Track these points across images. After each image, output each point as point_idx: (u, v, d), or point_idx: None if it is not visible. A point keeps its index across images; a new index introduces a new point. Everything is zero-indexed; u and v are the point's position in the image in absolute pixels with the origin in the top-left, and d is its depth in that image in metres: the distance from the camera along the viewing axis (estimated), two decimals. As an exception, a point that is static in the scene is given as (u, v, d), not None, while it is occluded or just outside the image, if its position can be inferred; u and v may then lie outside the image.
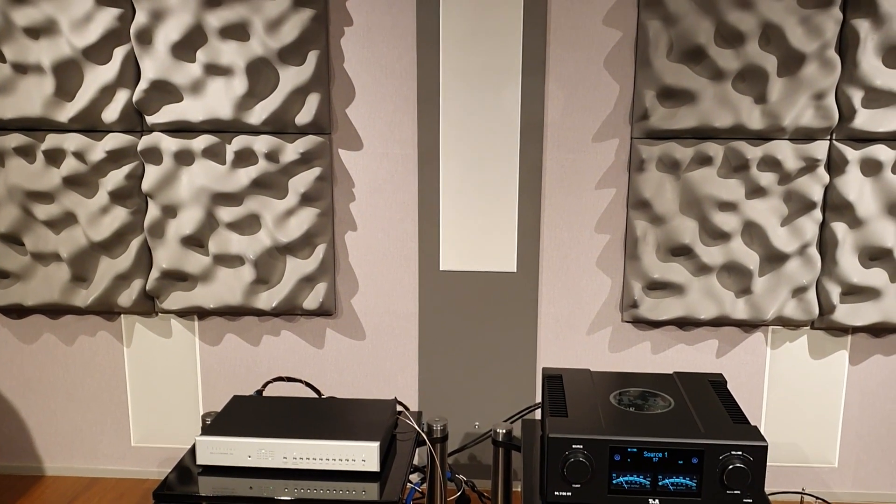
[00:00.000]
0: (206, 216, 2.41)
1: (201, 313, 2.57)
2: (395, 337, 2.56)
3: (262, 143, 2.35)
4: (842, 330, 2.47)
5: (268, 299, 2.48)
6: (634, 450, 1.62)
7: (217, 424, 1.83)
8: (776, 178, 2.32)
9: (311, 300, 2.48)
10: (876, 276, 2.37)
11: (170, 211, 2.42)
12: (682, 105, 2.30)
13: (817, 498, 2.46)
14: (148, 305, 2.53)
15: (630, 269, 2.43)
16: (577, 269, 2.49)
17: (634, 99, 2.34)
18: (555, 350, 2.55)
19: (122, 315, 2.59)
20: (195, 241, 2.44)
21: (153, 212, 2.42)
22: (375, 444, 1.74)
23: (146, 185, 2.40)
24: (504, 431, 2.06)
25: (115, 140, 2.38)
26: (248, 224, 2.43)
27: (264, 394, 2.13)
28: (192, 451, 1.86)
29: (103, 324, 2.60)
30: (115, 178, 2.40)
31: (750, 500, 1.60)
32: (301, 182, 2.39)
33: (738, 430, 1.64)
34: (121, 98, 2.35)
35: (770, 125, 2.27)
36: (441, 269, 2.49)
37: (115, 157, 2.39)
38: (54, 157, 2.40)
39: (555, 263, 2.49)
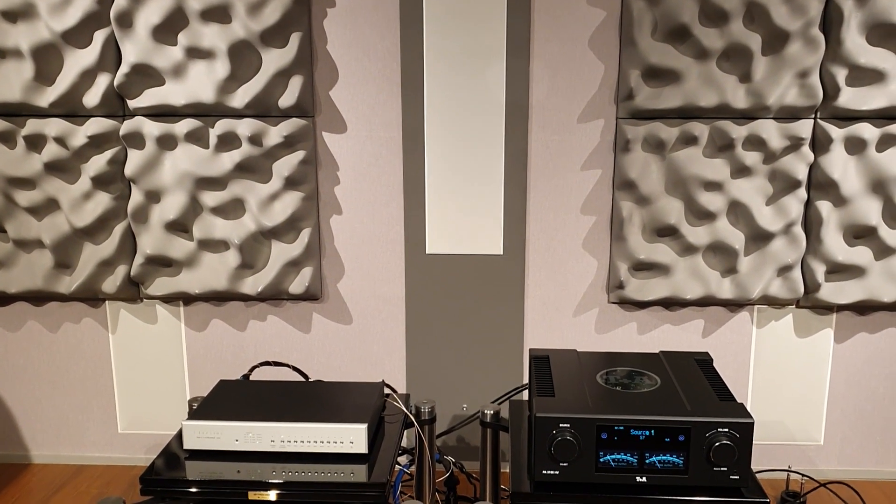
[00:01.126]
0: (190, 201, 2.40)
1: (187, 299, 2.55)
2: (381, 320, 2.56)
3: (245, 127, 2.33)
4: (827, 308, 2.49)
5: (253, 284, 2.46)
6: (621, 428, 1.63)
7: (204, 409, 1.82)
8: (761, 158, 2.32)
9: (297, 285, 2.47)
10: (860, 255, 2.38)
11: (153, 196, 2.40)
12: (666, 85, 2.30)
13: (803, 475, 2.48)
14: (133, 291, 2.51)
15: (616, 250, 2.43)
16: (563, 251, 2.48)
17: (619, 79, 2.33)
18: (541, 332, 2.55)
19: (106, 301, 2.57)
20: (179, 227, 2.43)
21: (136, 197, 2.40)
22: (363, 426, 1.74)
23: (129, 170, 2.37)
24: (492, 412, 2.07)
25: (96, 125, 2.35)
26: (233, 208, 2.42)
27: (251, 378, 2.12)
28: (179, 435, 1.86)
29: (88, 310, 2.59)
30: (98, 163, 2.38)
31: (736, 477, 1.61)
32: (285, 166, 2.37)
33: (725, 408, 1.65)
34: (102, 82, 2.33)
35: (755, 104, 2.27)
36: (427, 252, 2.48)
37: (97, 142, 2.37)
38: (35, 142, 2.37)
39: (541, 246, 2.48)
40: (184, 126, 2.34)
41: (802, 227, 2.38)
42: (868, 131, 2.28)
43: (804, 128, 2.29)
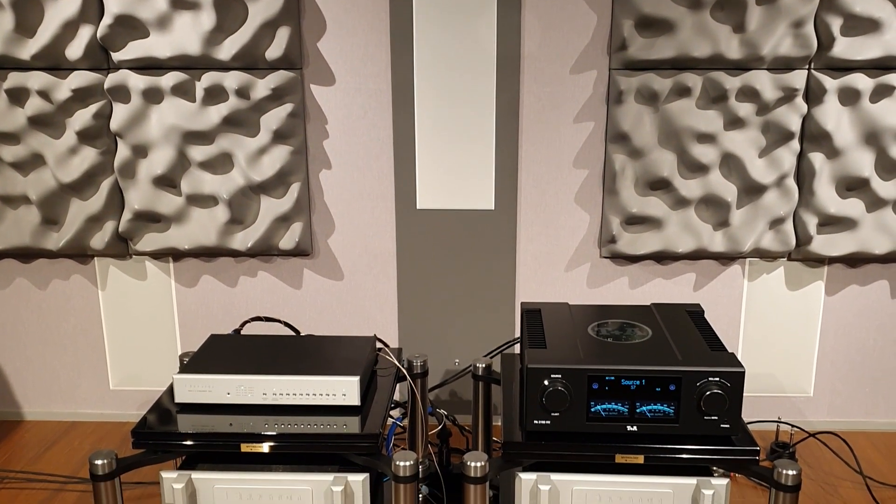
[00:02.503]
0: (177, 155, 2.37)
1: (176, 255, 2.54)
2: (373, 276, 2.55)
3: (232, 80, 2.30)
4: (818, 261, 2.49)
5: (243, 239, 2.45)
6: (612, 378, 1.63)
7: (194, 362, 1.81)
8: (754, 109, 2.30)
9: (287, 240, 2.45)
10: (853, 207, 2.37)
11: (140, 151, 2.37)
12: (660, 35, 2.26)
13: (793, 426, 2.50)
14: (121, 248, 2.49)
15: (608, 204, 2.42)
16: (555, 205, 2.47)
17: (612, 29, 2.29)
18: (533, 287, 2.54)
19: (95, 258, 2.55)
20: (167, 182, 2.40)
21: (123, 152, 2.37)
22: (355, 379, 1.73)
23: (115, 124, 2.34)
24: (484, 366, 2.07)
25: (80, 78, 2.31)
26: (221, 163, 2.39)
27: (242, 333, 2.11)
28: (170, 390, 1.85)
29: (77, 267, 2.57)
30: (83, 117, 2.34)
31: (727, 426, 1.62)
32: (273, 119, 2.34)
33: (716, 357, 1.65)
34: (84, 34, 2.28)
35: (748, 55, 2.24)
36: (418, 207, 2.47)
37: (82, 96, 2.33)
38: (18, 96, 2.33)
39: (533, 200, 2.47)
40: (170, 79, 2.31)
41: (795, 179, 2.37)
42: (862, 82, 2.26)
43: (798, 79, 2.27)
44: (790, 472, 1.57)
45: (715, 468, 1.76)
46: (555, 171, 2.44)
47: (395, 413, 2.46)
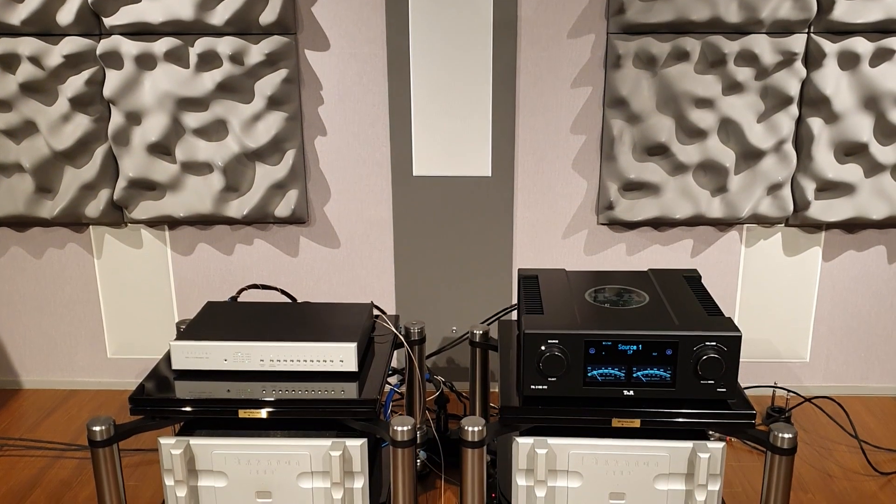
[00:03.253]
0: (171, 122, 2.34)
1: (172, 223, 2.52)
2: (369, 244, 2.54)
3: (225, 45, 2.27)
4: (815, 226, 2.48)
5: (239, 207, 2.43)
6: (609, 343, 1.63)
7: (191, 329, 1.81)
8: (753, 74, 2.28)
9: (283, 207, 2.44)
10: (851, 172, 2.36)
11: (134, 118, 2.35)
12: (658, -2, 2.24)
13: (789, 391, 2.52)
14: (116, 216, 2.48)
15: (606, 170, 2.41)
16: (552, 171, 2.46)
17: (610, -7, 2.27)
18: (530, 254, 2.54)
19: (90, 226, 2.54)
20: (161, 149, 2.38)
21: (117, 119, 2.35)
22: (353, 345, 1.73)
23: (108, 90, 2.31)
24: (481, 332, 2.07)
25: (71, 44, 2.28)
26: (215, 130, 2.37)
27: (238, 301, 2.11)
28: (168, 357, 1.85)
29: (72, 235, 2.56)
30: (75, 84, 2.32)
31: (724, 390, 1.63)
32: (267, 85, 2.32)
33: (713, 322, 1.65)
34: (75, -1, 2.25)
35: (747, 18, 2.22)
36: (414, 174, 2.45)
37: (74, 62, 2.30)
38: (9, 62, 2.30)
39: (530, 167, 2.46)
40: (162, 45, 2.28)
41: (793, 144, 2.36)
42: (862, 45, 2.24)
43: (797, 42, 2.24)
44: (786, 436, 1.58)
45: (711, 432, 1.77)
46: (552, 136, 2.42)
47: (393, 380, 2.47)
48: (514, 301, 2.57)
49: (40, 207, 2.45)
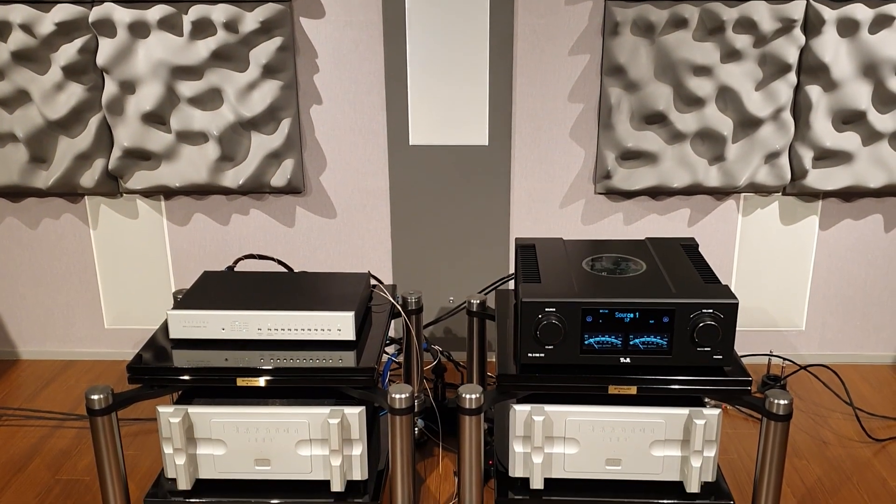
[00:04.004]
0: (165, 91, 2.33)
1: (167, 193, 2.51)
2: (366, 214, 2.53)
3: (219, 13, 2.24)
4: (813, 195, 2.48)
5: (234, 177, 2.42)
6: (606, 311, 1.63)
7: (188, 299, 1.81)
8: (751, 41, 2.26)
9: (279, 177, 2.43)
10: (848, 140, 2.36)
11: (128, 87, 2.33)
12: (657, -36, 2.22)
13: (785, 359, 2.53)
14: (112, 186, 2.47)
15: (604, 138, 2.40)
16: (549, 140, 2.45)
17: (608, -42, 2.24)
18: (527, 224, 2.54)
19: (85, 196, 2.53)
20: (156, 118, 2.36)
21: (110, 88, 2.33)
22: (350, 314, 1.73)
23: (101, 59, 2.29)
24: (478, 302, 2.07)
25: (64, 11, 2.25)
26: (210, 99, 2.35)
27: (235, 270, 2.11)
28: (165, 326, 1.85)
29: (67, 206, 2.54)
30: (68, 52, 2.29)
31: (720, 357, 1.63)
32: (262, 53, 2.30)
33: (709, 289, 1.65)
34: (66, -35, 2.22)
35: (747, -16, 2.20)
36: (411, 143, 2.44)
37: (66, 30, 2.27)
38: (0, 30, 2.28)
39: (527, 135, 2.44)
40: (156, 12, 2.25)
41: (791, 112, 2.35)
42: (861, 12, 2.22)
43: (796, 9, 2.23)
44: (782, 402, 1.59)
45: (707, 399, 1.78)
46: (549, 105, 2.41)
47: (391, 349, 2.48)
48: (512, 271, 2.57)
49: (35, 177, 2.43)
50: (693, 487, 1.70)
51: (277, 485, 1.77)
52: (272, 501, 1.73)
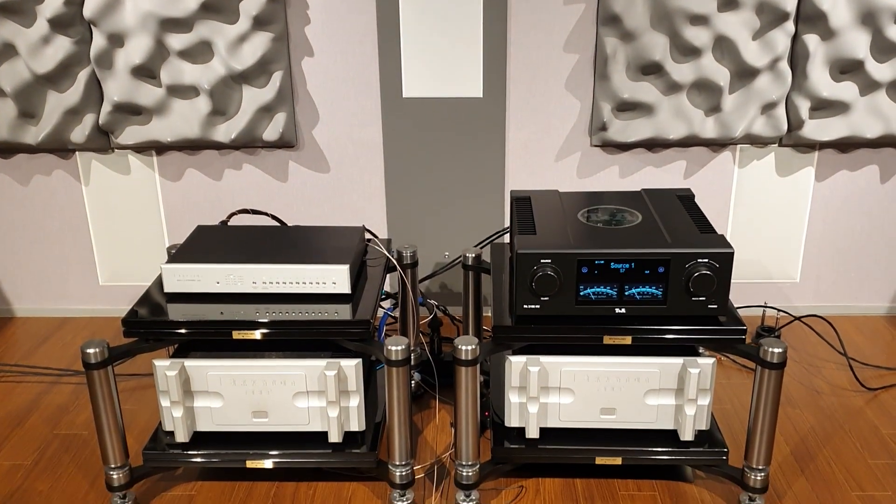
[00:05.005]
0: (155, 44, 2.29)
1: (159, 148, 2.49)
2: (359, 168, 2.52)
3: (208, -38, 2.20)
4: (809, 146, 2.47)
5: (226, 131, 2.40)
6: (602, 262, 1.63)
7: (182, 252, 1.80)
8: (750, -11, 2.23)
9: (271, 131, 2.41)
10: (846, 90, 2.34)
11: (116, 40, 2.29)
12: None
13: (779, 310, 2.54)
14: (103, 141, 2.44)
15: (599, 89, 2.37)
16: (545, 92, 2.42)
17: None
18: (523, 177, 2.52)
19: (76, 152, 2.50)
20: (146, 72, 2.33)
21: (98, 41, 2.29)
22: (345, 267, 1.73)
23: (88, 11, 2.25)
24: (473, 256, 2.07)
25: (48, -38, 2.21)
26: (201, 52, 2.32)
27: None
28: (159, 281, 1.85)
29: (58, 162, 2.52)
30: (53, 4, 2.25)
31: (715, 306, 1.64)
32: (252, 4, 2.25)
33: (705, 239, 1.65)
34: (50, -86, 2.17)
35: (746, -70, 2.16)
36: (404, 96, 2.41)
37: (51, -18, 2.23)
38: (-16, -18, 2.23)
39: (522, 87, 2.42)
40: (143, -38, 2.21)
41: (788, 62, 2.32)
42: (862, -42, 2.19)
43: (796, -45, 2.19)
44: (776, 350, 1.59)
45: (702, 349, 1.79)
46: (544, 55, 2.38)
47: (386, 304, 2.48)
48: (507, 224, 2.57)
49: (24, 133, 2.41)
50: (687, 435, 1.72)
51: (275, 436, 1.79)
52: (271, 452, 1.75)
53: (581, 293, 1.65)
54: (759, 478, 1.71)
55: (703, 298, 1.63)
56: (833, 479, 1.87)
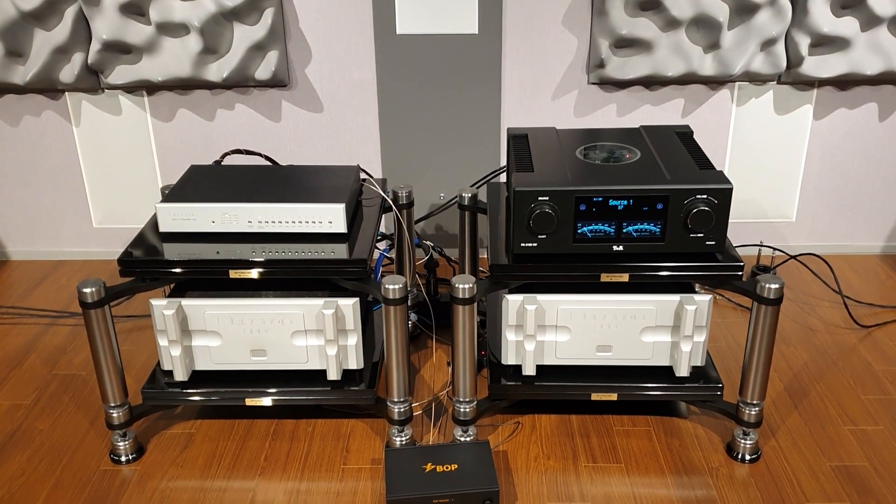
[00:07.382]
0: (142, -20, 2.24)
1: (150, 88, 2.45)
2: (353, 107, 2.48)
3: None
4: (808, 84, 2.44)
5: (218, 70, 2.36)
6: (599, 199, 1.62)
7: (177, 192, 1.78)
8: (752, -80, 2.18)
9: (263, 70, 2.37)
10: (847, 25, 2.30)
11: (102, -25, 2.24)
12: None
13: (775, 249, 2.54)
14: (92, 81, 2.40)
15: (597, 25, 2.33)
16: (541, 28, 2.38)
17: None
18: (519, 116, 2.49)
19: (66, 92, 2.46)
20: (135, 9, 2.28)
21: (84, -24, 2.23)
22: (341, 206, 1.72)
23: (72, -55, 2.19)
24: (469, 196, 2.05)
25: None
26: (190, -13, 2.27)
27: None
28: (154, 221, 1.83)
29: (47, 102, 2.48)
30: (37, -62, 2.19)
31: (712, 243, 1.63)
32: (243, -63, 2.20)
33: (704, 175, 1.64)
34: None
35: None
36: (398, 32, 2.37)
37: (34, -86, 2.17)
38: (-35, -85, 2.17)
39: (519, 23, 2.37)
40: None
41: (790, -3, 2.29)
42: None
43: None
44: (772, 286, 1.60)
45: (698, 286, 1.79)
46: (541, -8, 2.33)
47: (382, 245, 2.48)
48: (503, 164, 2.55)
49: (12, 73, 2.36)
50: (682, 371, 1.73)
51: (274, 375, 1.80)
52: (270, 390, 1.76)
53: (579, 231, 1.64)
54: (753, 412, 1.73)
55: (702, 235, 1.63)
56: (826, 414, 1.90)
